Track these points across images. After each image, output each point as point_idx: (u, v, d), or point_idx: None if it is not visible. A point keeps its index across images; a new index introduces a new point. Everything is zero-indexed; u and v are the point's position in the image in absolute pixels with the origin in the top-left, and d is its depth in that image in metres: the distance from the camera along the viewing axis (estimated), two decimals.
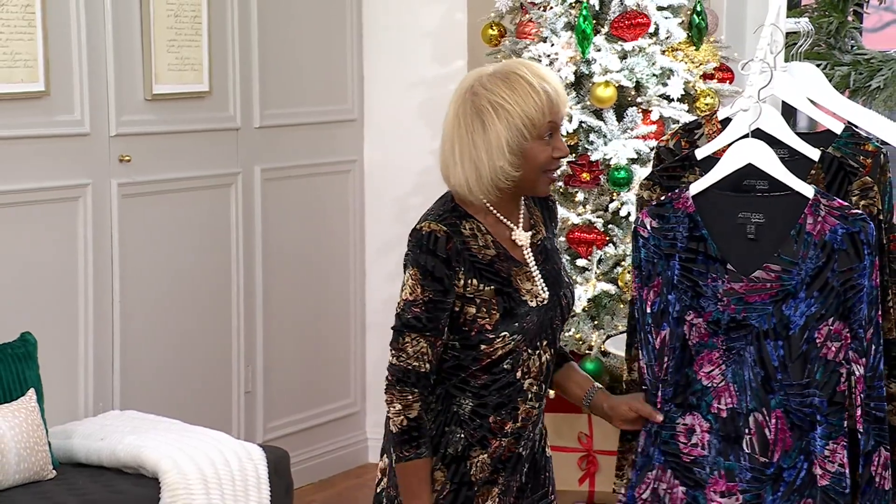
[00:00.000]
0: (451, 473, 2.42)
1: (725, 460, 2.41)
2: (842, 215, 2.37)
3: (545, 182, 2.42)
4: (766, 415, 2.39)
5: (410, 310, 2.38)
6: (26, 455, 3.62)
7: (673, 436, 2.44)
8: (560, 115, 2.38)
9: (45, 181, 4.07)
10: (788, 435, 2.38)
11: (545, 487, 2.55)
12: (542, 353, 2.46)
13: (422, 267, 2.37)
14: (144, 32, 4.33)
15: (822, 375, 2.37)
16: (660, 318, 2.44)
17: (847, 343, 2.36)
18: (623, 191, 4.34)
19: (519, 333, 2.40)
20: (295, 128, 4.98)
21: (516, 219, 2.46)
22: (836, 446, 2.36)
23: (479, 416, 2.42)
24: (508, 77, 2.36)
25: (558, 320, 2.48)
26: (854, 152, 2.59)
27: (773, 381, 2.38)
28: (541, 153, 2.37)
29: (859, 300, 2.35)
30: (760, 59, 2.50)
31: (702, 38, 4.46)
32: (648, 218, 2.47)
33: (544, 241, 2.49)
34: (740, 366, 2.41)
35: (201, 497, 3.67)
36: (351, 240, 5.26)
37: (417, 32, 5.17)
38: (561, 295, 2.47)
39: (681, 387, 2.44)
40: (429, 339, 2.38)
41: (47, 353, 3.94)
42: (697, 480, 2.43)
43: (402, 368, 2.40)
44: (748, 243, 2.41)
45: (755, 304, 2.39)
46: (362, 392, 5.37)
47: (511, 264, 2.42)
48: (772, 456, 2.39)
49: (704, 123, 2.70)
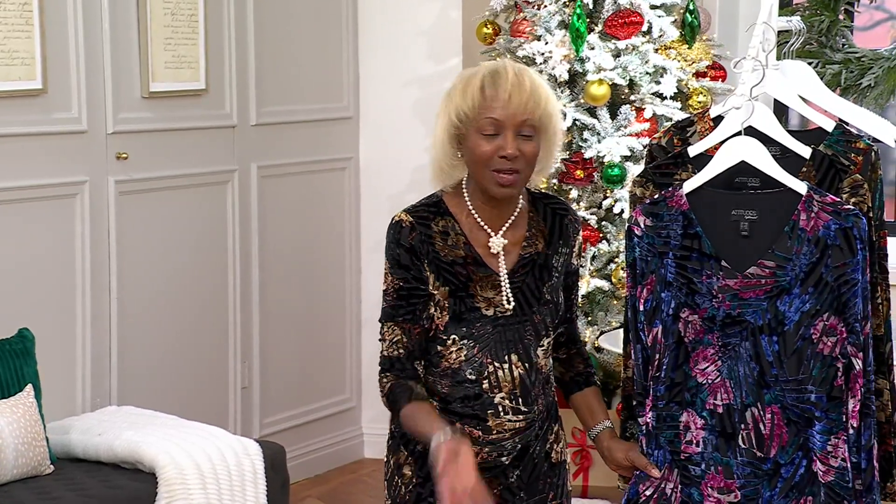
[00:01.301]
0: (418, 468, 2.44)
1: (723, 457, 2.41)
2: (835, 211, 2.38)
3: (490, 179, 2.37)
4: (762, 410, 2.39)
5: (385, 300, 2.44)
6: (24, 450, 3.62)
7: (676, 434, 2.43)
8: (504, 113, 2.34)
9: (42, 178, 4.08)
10: (785, 430, 2.38)
11: (544, 493, 2.51)
12: (514, 368, 2.41)
13: (390, 256, 2.43)
14: (141, 30, 4.34)
15: (819, 371, 2.37)
16: (652, 315, 2.44)
17: (843, 338, 2.36)
18: (616, 188, 4.36)
19: (470, 339, 2.39)
20: (291, 125, 4.99)
21: (498, 226, 2.44)
22: (838, 441, 2.36)
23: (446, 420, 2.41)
24: (473, 72, 2.40)
25: (531, 336, 2.43)
26: (845, 150, 2.60)
27: (769, 377, 2.39)
28: (477, 146, 2.36)
29: (854, 295, 2.35)
30: (753, 58, 2.50)
31: (694, 36, 4.47)
32: (642, 216, 2.47)
33: (535, 257, 2.46)
34: (735, 362, 2.41)
35: (198, 492, 3.67)
36: (347, 236, 5.27)
37: (413, 31, 5.18)
38: (535, 312, 2.43)
39: (677, 384, 2.44)
40: (402, 327, 2.41)
41: (45, 349, 3.94)
42: (692, 477, 2.42)
43: (383, 357, 2.44)
44: (742, 240, 2.41)
45: (750, 300, 2.40)
46: (358, 388, 5.38)
47: (477, 269, 2.41)
48: (768, 451, 2.39)
49: (697, 121, 2.70)
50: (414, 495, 2.45)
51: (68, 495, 3.56)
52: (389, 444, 2.51)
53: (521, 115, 2.34)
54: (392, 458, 2.49)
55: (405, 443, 2.46)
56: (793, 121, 5.13)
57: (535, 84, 2.37)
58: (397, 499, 2.46)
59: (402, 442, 2.46)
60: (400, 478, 2.46)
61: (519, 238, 2.45)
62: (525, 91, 2.35)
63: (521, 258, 2.45)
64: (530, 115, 2.35)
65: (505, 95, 2.34)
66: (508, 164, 2.36)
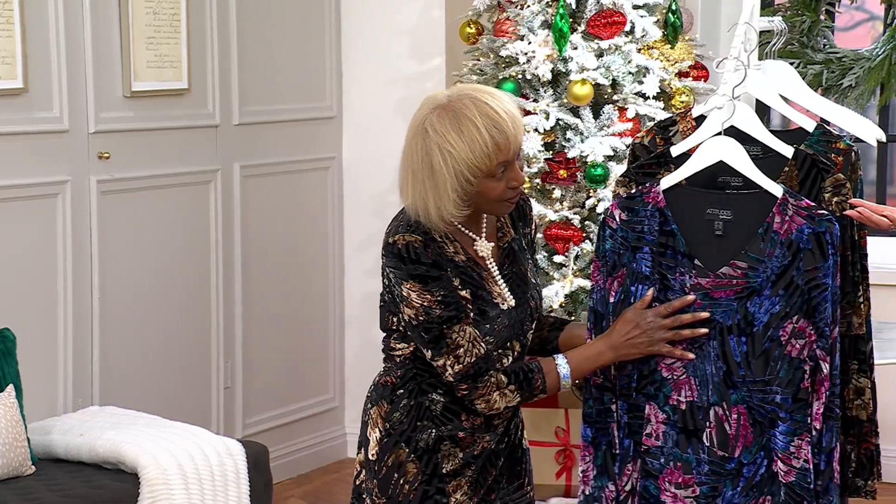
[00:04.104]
0: (423, 465, 2.45)
1: (683, 452, 2.43)
2: (809, 215, 2.39)
3: (505, 207, 2.44)
4: (727, 409, 2.41)
5: (433, 314, 2.38)
6: (5, 451, 3.62)
7: (640, 426, 2.46)
8: (512, 151, 2.37)
9: (24, 178, 4.07)
10: (750, 431, 2.40)
11: (521, 479, 2.57)
12: (512, 353, 2.48)
13: (417, 276, 2.38)
14: (123, 30, 4.34)
15: (787, 373, 2.39)
16: (619, 308, 2.46)
17: (811, 340, 2.38)
18: (600, 187, 4.37)
19: (491, 335, 2.44)
20: (274, 125, 5.00)
21: (479, 229, 2.48)
22: (801, 442, 2.38)
23: (451, 413, 2.45)
24: (458, 119, 2.35)
25: (528, 321, 2.51)
26: (826, 150, 2.63)
27: (735, 377, 2.41)
28: (492, 190, 2.39)
29: (824, 299, 2.37)
30: (735, 58, 2.52)
31: (677, 36, 4.48)
32: (618, 210, 2.49)
33: (511, 243, 2.52)
34: (702, 360, 2.42)
35: (181, 492, 3.67)
36: (330, 236, 5.27)
37: (395, 30, 5.19)
38: (528, 297, 2.50)
39: (644, 376, 2.46)
40: (469, 322, 2.40)
41: (26, 349, 3.94)
42: (649, 470, 2.45)
43: (469, 365, 2.40)
44: (716, 239, 2.43)
45: (720, 299, 2.42)
46: (341, 387, 5.38)
47: (481, 269, 2.46)
48: (732, 451, 2.41)
49: (679, 121, 2.73)
50: (420, 493, 2.45)
51: (50, 496, 3.55)
52: (383, 444, 2.49)
53: (518, 145, 2.40)
54: (389, 456, 2.47)
55: (406, 440, 2.46)
56: (774, 121, 5.16)
57: (514, 109, 2.40)
58: (398, 497, 2.46)
59: (403, 439, 2.46)
60: (402, 476, 2.46)
61: (492, 231, 2.50)
62: (517, 123, 2.39)
63: (501, 249, 2.50)
64: (521, 141, 2.42)
65: (511, 137, 2.37)
66: (518, 191, 2.43)
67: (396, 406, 2.47)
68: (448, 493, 2.46)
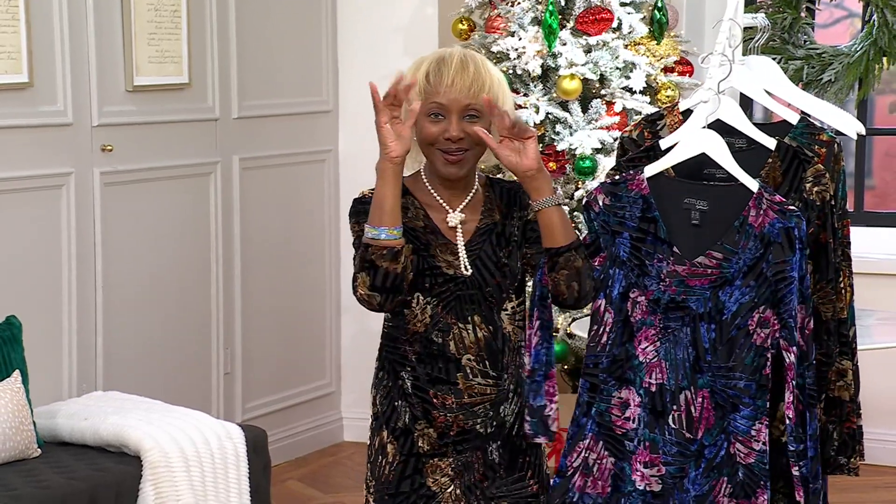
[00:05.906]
0: (401, 445, 2.47)
1: (651, 433, 2.46)
2: (780, 210, 2.43)
3: (439, 159, 2.44)
4: (694, 393, 2.44)
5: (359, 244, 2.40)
6: (12, 434, 3.63)
7: (608, 408, 2.48)
8: (447, 98, 2.39)
9: (29, 170, 4.09)
10: (712, 414, 2.44)
11: (523, 471, 2.51)
12: (478, 329, 2.44)
13: (359, 214, 2.45)
14: (125, 25, 4.35)
15: (752, 360, 2.42)
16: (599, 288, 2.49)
17: (775, 329, 2.42)
18: (588, 179, 4.39)
19: (433, 297, 2.43)
20: (272, 119, 5.01)
21: (456, 206, 2.49)
22: (761, 426, 2.41)
23: (419, 390, 2.45)
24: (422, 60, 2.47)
25: (493, 299, 2.46)
26: (809, 142, 2.65)
27: (703, 362, 2.44)
28: (423, 128, 2.43)
29: (790, 291, 2.40)
30: (720, 53, 2.54)
31: (663, 32, 4.50)
32: (602, 195, 2.51)
33: (492, 226, 2.49)
34: (674, 345, 2.45)
35: (182, 474, 3.68)
36: (326, 226, 5.28)
37: (390, 27, 5.21)
38: (493, 275, 2.46)
39: (619, 361, 2.49)
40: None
41: (32, 336, 3.95)
42: (626, 452, 2.48)
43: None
44: (693, 229, 2.46)
45: (695, 287, 2.45)
46: (337, 373, 5.40)
47: (437, 238, 2.45)
48: (696, 433, 2.44)
49: (667, 115, 2.74)
50: (397, 473, 2.47)
51: (55, 478, 3.57)
52: (371, 427, 2.53)
53: (465, 100, 2.41)
54: (375, 439, 2.52)
55: (386, 422, 2.49)
56: (756, 114, 5.23)
57: (480, 69, 2.43)
58: (381, 478, 2.49)
59: (384, 421, 2.49)
60: (383, 457, 2.48)
61: (476, 215, 2.50)
62: (468, 76, 2.41)
63: (477, 230, 2.48)
64: (473, 100, 2.42)
65: (448, 81, 2.41)
66: (454, 146, 2.43)
67: (378, 388, 2.52)
68: (426, 474, 2.46)
